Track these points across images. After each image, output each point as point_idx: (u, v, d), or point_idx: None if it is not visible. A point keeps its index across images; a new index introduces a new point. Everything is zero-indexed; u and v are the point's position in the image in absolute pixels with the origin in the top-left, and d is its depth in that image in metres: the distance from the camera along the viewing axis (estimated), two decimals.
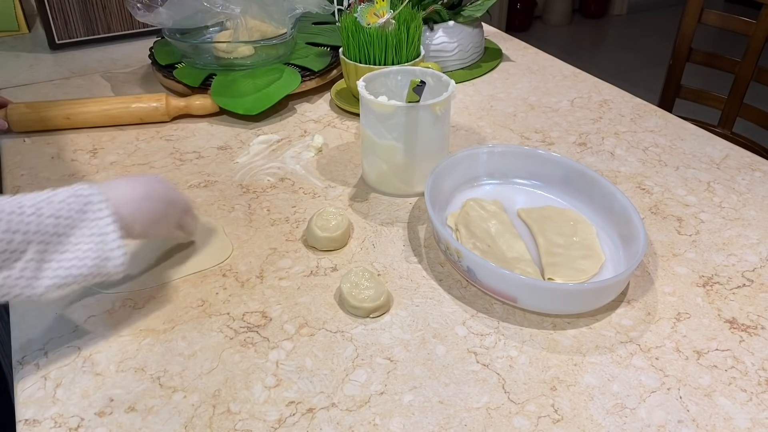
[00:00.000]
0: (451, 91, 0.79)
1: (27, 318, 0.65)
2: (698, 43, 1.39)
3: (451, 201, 0.80)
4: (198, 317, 0.65)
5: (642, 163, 0.91)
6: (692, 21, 1.37)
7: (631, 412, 0.55)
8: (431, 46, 1.16)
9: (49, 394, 0.57)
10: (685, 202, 0.82)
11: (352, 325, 0.64)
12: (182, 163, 0.91)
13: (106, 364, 0.60)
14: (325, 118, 1.04)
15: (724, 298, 0.68)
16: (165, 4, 1.05)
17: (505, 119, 1.03)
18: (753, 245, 0.75)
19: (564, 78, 1.17)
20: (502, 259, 0.70)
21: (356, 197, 0.84)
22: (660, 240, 0.76)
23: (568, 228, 0.75)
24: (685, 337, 0.63)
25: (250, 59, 1.08)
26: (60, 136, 0.98)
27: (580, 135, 0.98)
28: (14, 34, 1.39)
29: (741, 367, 0.60)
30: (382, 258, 0.73)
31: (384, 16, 0.94)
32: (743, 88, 1.34)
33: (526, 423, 0.54)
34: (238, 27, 1.08)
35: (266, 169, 0.90)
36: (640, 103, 1.07)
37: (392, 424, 0.54)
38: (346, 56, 1.00)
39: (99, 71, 1.21)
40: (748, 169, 0.89)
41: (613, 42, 3.80)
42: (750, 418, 0.55)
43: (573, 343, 0.62)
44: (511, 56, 1.26)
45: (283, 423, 0.54)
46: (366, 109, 0.80)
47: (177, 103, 1.01)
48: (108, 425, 0.54)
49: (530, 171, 0.83)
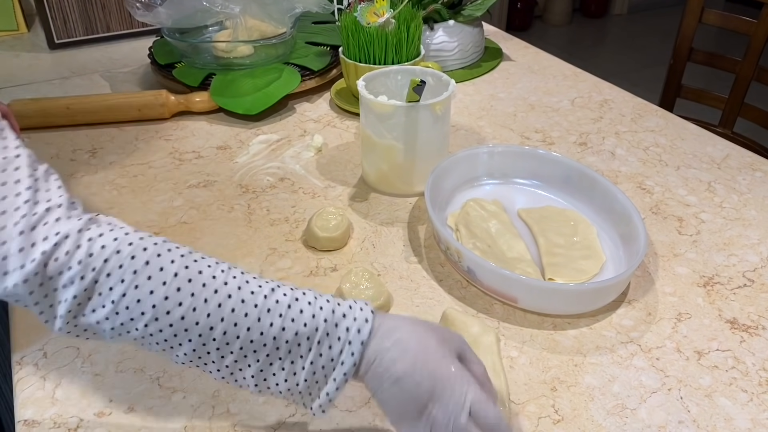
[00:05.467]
0: (451, 91, 0.78)
1: (27, 318, 0.65)
2: (699, 43, 1.38)
3: (451, 201, 0.80)
4: None
5: (642, 163, 0.90)
6: (693, 21, 1.36)
7: (631, 412, 0.55)
8: (431, 46, 1.16)
9: (49, 394, 0.57)
10: (686, 202, 0.82)
11: None
12: (181, 162, 0.91)
13: (106, 364, 0.60)
14: (325, 118, 1.03)
15: (725, 298, 0.67)
16: (164, 4, 1.04)
17: (506, 119, 1.02)
18: (754, 245, 0.75)
19: (564, 78, 1.16)
20: (503, 259, 0.70)
21: (356, 197, 0.84)
22: (660, 240, 0.76)
23: (568, 228, 0.74)
24: (686, 338, 0.63)
25: (250, 59, 1.08)
26: (59, 136, 0.98)
27: (580, 135, 0.98)
28: (13, 34, 1.38)
29: (742, 367, 0.60)
30: (382, 258, 0.73)
31: (384, 15, 0.93)
32: (744, 87, 1.34)
33: (527, 423, 0.54)
34: (238, 26, 1.07)
35: (266, 169, 0.90)
36: (641, 103, 1.07)
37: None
38: (345, 56, 1.00)
39: (98, 71, 1.21)
40: (749, 169, 0.89)
41: (614, 42, 3.80)
42: (751, 419, 0.55)
43: (573, 343, 0.62)
44: (512, 56, 1.26)
45: (283, 424, 0.54)
46: (366, 109, 0.79)
47: (177, 99, 1.01)
48: (107, 426, 0.54)
49: (530, 171, 0.83)
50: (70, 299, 0.43)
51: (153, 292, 0.44)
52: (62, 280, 0.43)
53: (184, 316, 0.44)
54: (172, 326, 0.44)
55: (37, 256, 0.42)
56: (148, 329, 0.44)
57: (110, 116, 1.00)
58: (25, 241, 0.42)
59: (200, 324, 0.44)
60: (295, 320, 0.45)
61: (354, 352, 0.45)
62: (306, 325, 0.45)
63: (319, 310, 0.46)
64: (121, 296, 0.43)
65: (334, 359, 0.45)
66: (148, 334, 0.45)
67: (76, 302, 0.43)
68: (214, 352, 0.45)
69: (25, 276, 0.42)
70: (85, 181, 0.87)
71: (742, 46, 1.33)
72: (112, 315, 0.44)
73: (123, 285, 0.43)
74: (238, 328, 0.44)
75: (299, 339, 0.45)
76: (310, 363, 0.45)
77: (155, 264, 0.44)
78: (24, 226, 0.42)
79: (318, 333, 0.45)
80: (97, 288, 0.43)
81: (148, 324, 0.44)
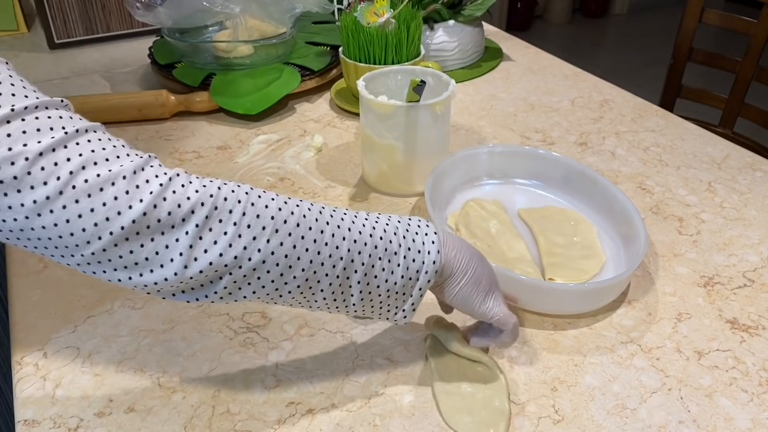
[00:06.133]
0: (451, 91, 0.78)
1: (27, 318, 0.65)
2: (699, 43, 1.38)
3: (451, 201, 0.80)
4: (197, 317, 0.65)
5: (643, 163, 0.90)
6: (693, 20, 1.36)
7: (631, 412, 0.55)
8: (431, 46, 1.16)
9: (49, 394, 0.57)
10: (686, 202, 0.82)
11: (352, 326, 0.64)
12: (182, 162, 0.91)
13: (106, 364, 0.60)
14: (325, 118, 1.03)
15: (725, 298, 0.67)
16: (164, 4, 1.04)
17: (506, 119, 1.02)
18: (754, 245, 0.75)
19: (564, 77, 1.16)
20: (503, 259, 0.70)
21: (356, 197, 0.84)
22: (661, 240, 0.76)
23: (568, 228, 0.74)
24: (686, 338, 0.63)
25: (250, 59, 1.08)
26: None
27: (580, 135, 0.98)
28: (13, 34, 1.38)
29: (742, 367, 0.60)
30: None
31: (384, 15, 0.93)
32: (744, 87, 1.34)
33: (527, 423, 0.54)
34: (238, 26, 1.07)
35: (266, 169, 0.90)
36: (641, 103, 1.07)
37: (392, 425, 0.54)
38: (346, 56, 1.00)
39: (98, 71, 1.21)
40: (749, 168, 0.89)
41: (614, 41, 3.80)
42: (751, 419, 0.55)
43: (573, 343, 0.62)
44: (512, 56, 1.26)
45: (283, 423, 0.54)
46: (366, 109, 0.79)
47: (177, 99, 1.01)
48: (107, 425, 0.54)
49: (531, 171, 0.83)
50: (192, 231, 0.43)
51: (268, 206, 0.46)
52: (177, 217, 0.43)
53: (299, 223, 0.47)
54: (291, 235, 0.47)
55: (145, 196, 0.42)
56: (269, 246, 0.46)
57: (110, 116, 1.00)
58: (130, 183, 0.42)
59: (313, 229, 0.48)
60: (387, 224, 0.52)
61: (435, 261, 0.51)
62: (398, 226, 0.52)
63: (398, 223, 0.53)
64: (242, 215, 0.45)
65: (416, 260, 0.51)
66: (269, 253, 0.46)
67: (197, 234, 0.43)
68: (327, 261, 0.48)
69: (134, 216, 0.41)
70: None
71: (742, 46, 1.33)
72: (235, 239, 0.44)
73: (240, 205, 0.45)
74: (340, 236, 0.49)
75: (391, 237, 0.51)
76: (403, 258, 0.51)
77: (257, 198, 0.47)
78: (129, 170, 0.42)
79: (400, 233, 0.52)
80: (217, 215, 0.44)
81: (270, 239, 0.46)
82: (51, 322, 0.64)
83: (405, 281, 0.51)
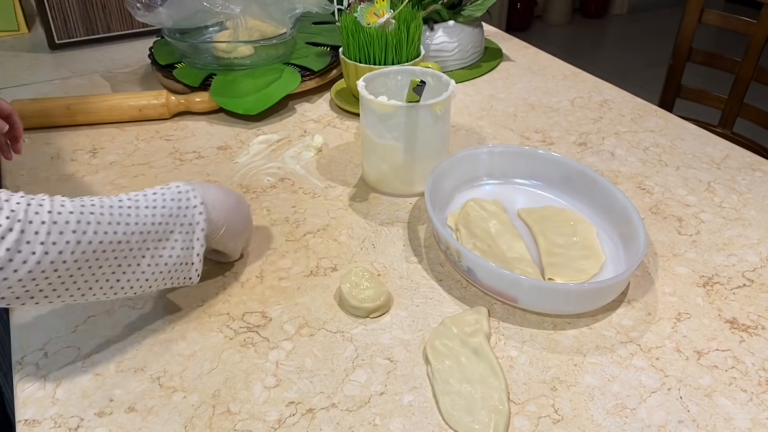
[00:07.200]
0: (451, 91, 0.78)
1: (27, 318, 0.65)
2: (698, 43, 1.39)
3: (451, 201, 0.80)
4: (198, 317, 0.65)
5: (642, 163, 0.90)
6: (692, 21, 1.36)
7: (631, 412, 0.55)
8: (431, 46, 1.16)
9: (49, 394, 0.57)
10: (686, 202, 0.82)
11: (352, 326, 0.64)
12: (182, 163, 0.91)
13: (106, 364, 0.60)
14: (325, 118, 1.03)
15: (725, 298, 0.67)
16: (165, 4, 1.05)
17: (505, 119, 1.03)
18: (753, 245, 0.75)
19: (564, 78, 1.17)
20: (502, 259, 0.70)
21: (356, 197, 0.84)
22: (660, 240, 0.76)
23: (568, 228, 0.75)
24: (686, 338, 0.63)
25: (250, 59, 1.08)
26: (60, 136, 0.98)
27: (580, 135, 0.98)
28: (14, 34, 1.38)
29: (741, 367, 0.60)
30: (382, 258, 0.73)
31: (384, 15, 0.93)
32: (743, 87, 1.34)
33: (527, 423, 0.54)
34: (238, 27, 1.07)
35: (266, 169, 0.90)
36: (641, 103, 1.07)
37: (392, 425, 0.54)
38: (346, 56, 1.00)
39: (99, 71, 1.21)
40: (749, 169, 0.89)
41: (614, 42, 3.80)
42: (750, 419, 0.55)
43: (573, 343, 0.62)
44: (512, 56, 1.26)
45: (283, 423, 0.54)
46: (366, 109, 0.80)
47: (177, 99, 1.02)
48: (108, 425, 0.54)
49: (530, 171, 0.83)
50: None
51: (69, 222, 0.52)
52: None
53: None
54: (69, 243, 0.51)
55: None
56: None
57: (110, 116, 1.00)
58: None
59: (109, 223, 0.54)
60: (162, 206, 0.59)
61: (202, 212, 0.61)
62: (165, 207, 0.59)
63: (169, 200, 0.60)
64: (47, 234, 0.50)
65: (192, 224, 0.60)
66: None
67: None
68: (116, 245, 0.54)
69: None
70: (85, 181, 0.87)
71: (742, 46, 1.33)
72: None
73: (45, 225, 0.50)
74: (124, 223, 0.55)
75: (166, 219, 0.59)
76: (186, 233, 0.60)
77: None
78: None
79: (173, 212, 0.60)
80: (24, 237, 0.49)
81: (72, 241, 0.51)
82: (51, 322, 0.65)
83: (184, 252, 0.60)
